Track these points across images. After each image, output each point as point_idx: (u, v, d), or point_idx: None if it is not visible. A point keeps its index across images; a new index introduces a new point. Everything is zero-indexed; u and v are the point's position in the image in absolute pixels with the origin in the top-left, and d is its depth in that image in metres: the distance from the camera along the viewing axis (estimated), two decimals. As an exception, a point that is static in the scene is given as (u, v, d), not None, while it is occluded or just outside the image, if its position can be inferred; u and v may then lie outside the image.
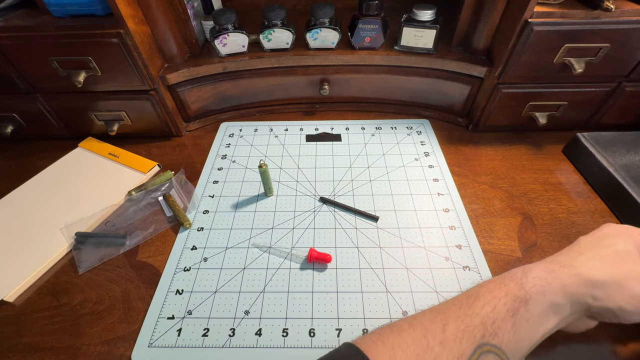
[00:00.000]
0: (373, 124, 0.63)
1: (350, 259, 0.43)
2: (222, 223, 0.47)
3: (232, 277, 0.41)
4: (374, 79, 0.61)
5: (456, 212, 0.47)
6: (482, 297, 0.28)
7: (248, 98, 0.64)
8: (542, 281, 0.28)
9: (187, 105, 0.60)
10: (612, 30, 0.45)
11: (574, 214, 0.47)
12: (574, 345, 0.35)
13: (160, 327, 0.37)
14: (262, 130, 0.63)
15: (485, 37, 0.52)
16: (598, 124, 0.58)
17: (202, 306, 0.39)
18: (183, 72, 0.55)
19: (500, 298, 0.27)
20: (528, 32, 0.45)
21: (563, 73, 0.50)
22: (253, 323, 0.37)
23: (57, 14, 0.47)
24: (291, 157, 0.57)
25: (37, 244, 0.44)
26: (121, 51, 0.47)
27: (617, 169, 0.48)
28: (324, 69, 0.59)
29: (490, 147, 0.58)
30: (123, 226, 0.47)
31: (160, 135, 0.61)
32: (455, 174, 0.53)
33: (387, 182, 0.52)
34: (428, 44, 0.54)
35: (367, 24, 0.53)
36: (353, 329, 0.36)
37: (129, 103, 0.56)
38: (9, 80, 0.51)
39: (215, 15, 0.52)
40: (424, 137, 0.60)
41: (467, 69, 0.55)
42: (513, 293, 0.27)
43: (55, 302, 0.40)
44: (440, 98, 0.61)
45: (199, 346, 0.36)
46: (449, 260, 0.42)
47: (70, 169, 0.55)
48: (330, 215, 0.48)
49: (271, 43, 0.56)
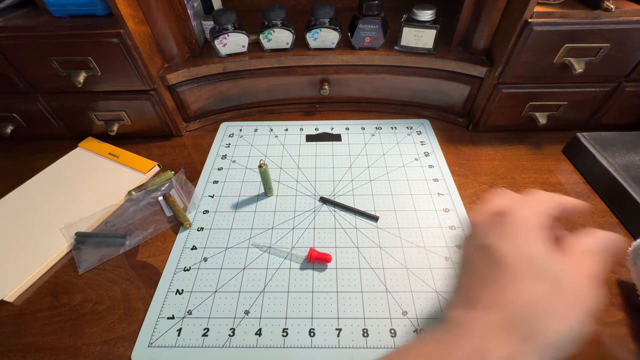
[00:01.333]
0: (373, 124, 0.63)
1: (350, 258, 0.43)
2: (222, 223, 0.47)
3: (232, 277, 0.41)
4: (374, 79, 0.61)
5: (456, 212, 0.47)
6: None
7: (248, 98, 0.64)
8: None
9: (187, 105, 0.60)
10: (612, 30, 0.45)
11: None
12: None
13: (160, 327, 0.37)
14: (262, 130, 0.63)
15: (485, 37, 0.52)
16: (598, 124, 0.58)
17: (202, 306, 0.39)
18: (183, 72, 0.55)
19: None
20: (528, 32, 0.45)
21: (563, 73, 0.50)
22: (253, 323, 0.37)
23: (57, 14, 0.47)
24: (291, 157, 0.57)
25: (37, 244, 0.44)
26: (121, 51, 0.47)
27: (617, 169, 0.48)
28: (324, 69, 0.59)
29: (490, 147, 0.58)
30: (123, 226, 0.47)
31: (160, 135, 0.61)
32: (455, 174, 0.53)
33: (387, 182, 0.52)
34: (428, 44, 0.54)
35: (367, 24, 0.53)
36: (353, 329, 0.36)
37: (128, 103, 0.55)
38: (8, 80, 0.51)
39: (215, 15, 0.52)
40: (424, 137, 0.60)
41: (467, 69, 0.55)
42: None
43: (55, 302, 0.40)
44: (440, 98, 0.61)
45: (199, 346, 0.36)
46: (449, 260, 0.42)
47: (70, 169, 0.55)
48: (330, 215, 0.48)
49: (271, 43, 0.56)
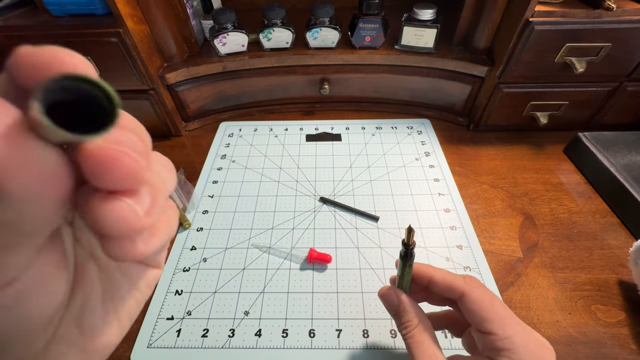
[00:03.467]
0: (373, 123, 0.63)
1: (350, 259, 0.42)
2: (221, 223, 0.47)
3: (232, 277, 0.41)
4: (375, 78, 0.60)
5: (457, 212, 0.47)
6: None
7: (248, 98, 0.64)
8: None
9: (187, 105, 0.60)
10: (613, 30, 0.45)
11: (575, 214, 0.47)
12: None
13: (159, 327, 0.37)
14: (261, 130, 0.62)
15: (486, 36, 0.52)
16: (599, 124, 0.58)
17: (201, 307, 0.39)
18: (182, 71, 0.55)
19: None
20: (529, 32, 0.45)
21: (564, 72, 0.50)
22: (253, 324, 0.37)
23: (56, 13, 0.47)
24: (291, 157, 0.57)
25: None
26: (120, 50, 0.47)
27: (618, 169, 0.47)
28: (324, 68, 0.59)
29: (491, 147, 0.57)
30: (122, 226, 0.47)
31: (159, 135, 0.61)
32: (456, 173, 0.53)
33: (388, 182, 0.52)
34: (429, 44, 0.54)
35: (368, 23, 0.53)
36: (353, 329, 0.36)
37: (128, 103, 0.55)
38: (7, 80, 0.51)
39: (214, 14, 0.52)
40: (425, 136, 0.60)
41: (468, 68, 0.54)
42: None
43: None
44: (441, 98, 0.61)
45: (199, 347, 0.35)
46: (449, 260, 0.42)
47: (69, 168, 0.55)
48: (330, 215, 0.48)
49: (271, 42, 0.56)
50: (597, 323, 0.36)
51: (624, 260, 0.41)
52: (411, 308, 0.27)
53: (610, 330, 0.35)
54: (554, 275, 0.40)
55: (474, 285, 0.25)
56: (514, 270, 0.41)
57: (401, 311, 0.27)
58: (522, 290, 0.39)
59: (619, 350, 0.34)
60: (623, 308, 0.37)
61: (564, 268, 0.41)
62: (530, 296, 0.38)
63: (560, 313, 0.37)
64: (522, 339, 0.22)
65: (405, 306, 0.27)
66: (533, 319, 0.37)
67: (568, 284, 0.39)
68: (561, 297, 0.38)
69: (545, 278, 0.40)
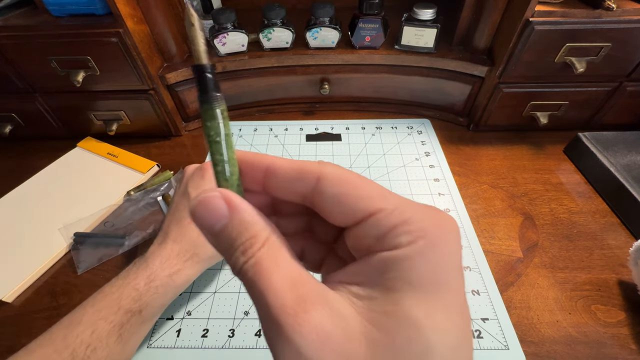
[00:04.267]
0: (373, 123, 0.63)
1: (350, 259, 0.42)
2: (221, 223, 0.47)
3: (232, 277, 0.41)
4: (375, 78, 0.60)
5: (457, 212, 0.47)
6: (84, 321, 0.27)
7: (247, 97, 0.64)
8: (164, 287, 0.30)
9: (187, 105, 0.60)
10: (613, 30, 0.45)
11: (575, 214, 0.47)
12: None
13: (159, 327, 0.37)
14: (261, 130, 0.62)
15: (486, 36, 0.52)
16: (599, 124, 0.58)
17: (201, 307, 0.38)
18: (182, 71, 0.55)
19: (107, 317, 0.27)
20: (529, 32, 0.45)
21: (564, 72, 0.50)
22: (252, 324, 0.37)
23: (56, 13, 0.47)
24: (291, 157, 0.57)
25: (35, 245, 0.44)
26: (120, 50, 0.47)
27: (618, 169, 0.47)
28: (324, 68, 0.59)
29: (491, 147, 0.57)
30: (122, 226, 0.47)
31: (160, 135, 0.61)
32: (456, 174, 0.53)
33: (388, 182, 0.52)
34: (429, 43, 0.54)
35: (368, 23, 0.53)
36: (353, 329, 0.36)
37: (128, 103, 0.55)
38: (7, 80, 0.51)
39: (214, 14, 0.52)
40: (425, 136, 0.60)
41: (468, 68, 0.54)
42: (126, 309, 0.27)
43: (54, 303, 0.40)
44: (441, 97, 0.61)
45: (199, 347, 0.35)
46: (449, 260, 0.42)
47: (68, 169, 0.55)
48: (330, 215, 0.47)
49: (271, 42, 0.56)
50: (597, 323, 0.36)
51: (624, 260, 0.41)
52: (253, 215, 0.14)
53: (610, 330, 0.35)
54: (554, 275, 0.40)
55: (332, 165, 0.15)
56: (514, 270, 0.41)
57: (236, 224, 0.14)
58: (522, 290, 0.39)
59: (619, 350, 0.34)
60: (623, 308, 0.37)
61: (564, 268, 0.41)
62: (530, 296, 0.38)
63: (560, 313, 0.37)
64: (412, 205, 0.14)
65: (244, 214, 0.14)
66: (533, 319, 0.37)
67: (568, 284, 0.39)
68: (561, 297, 0.38)
69: (545, 278, 0.40)
